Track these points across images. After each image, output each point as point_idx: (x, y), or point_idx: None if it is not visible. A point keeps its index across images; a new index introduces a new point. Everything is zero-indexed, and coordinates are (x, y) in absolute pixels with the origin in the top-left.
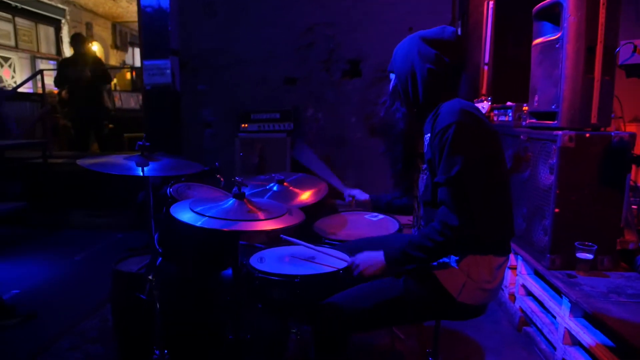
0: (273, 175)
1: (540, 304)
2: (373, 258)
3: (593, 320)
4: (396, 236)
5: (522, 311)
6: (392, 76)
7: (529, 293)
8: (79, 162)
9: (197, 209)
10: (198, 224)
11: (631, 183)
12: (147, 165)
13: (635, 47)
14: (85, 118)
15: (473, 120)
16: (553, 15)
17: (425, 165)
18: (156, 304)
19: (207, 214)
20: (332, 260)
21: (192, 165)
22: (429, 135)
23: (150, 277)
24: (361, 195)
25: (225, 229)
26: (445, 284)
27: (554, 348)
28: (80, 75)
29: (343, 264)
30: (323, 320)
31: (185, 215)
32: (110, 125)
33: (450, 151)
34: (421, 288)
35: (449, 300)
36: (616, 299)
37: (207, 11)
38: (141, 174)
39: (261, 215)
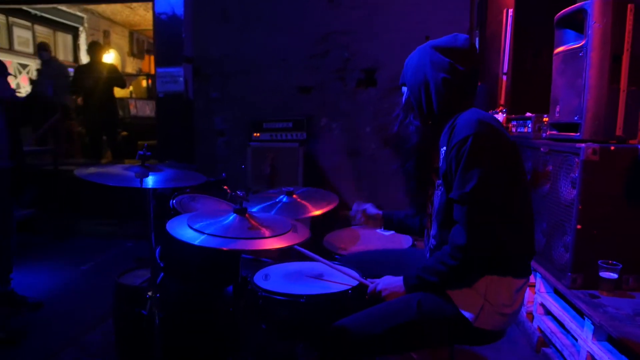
0: (283, 189)
1: (560, 324)
2: (394, 283)
3: (618, 345)
4: (408, 251)
5: (541, 331)
6: (404, 89)
7: (548, 312)
8: (77, 172)
9: (195, 226)
10: (196, 242)
11: None
12: (146, 176)
13: None
14: (99, 125)
15: (491, 131)
16: (576, 23)
17: (440, 181)
18: (155, 320)
19: (205, 231)
20: (341, 279)
21: (195, 177)
22: (444, 148)
23: (150, 293)
24: (372, 209)
25: (223, 248)
26: (461, 308)
27: None
28: (96, 83)
29: (352, 283)
30: (333, 345)
31: (183, 232)
32: (124, 133)
33: (466, 165)
34: (436, 312)
35: (465, 326)
36: None
37: (221, 18)
38: (140, 185)
39: (264, 232)
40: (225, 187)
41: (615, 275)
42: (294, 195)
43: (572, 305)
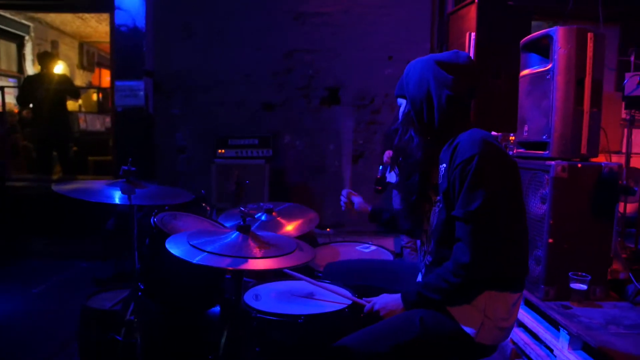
0: (261, 204)
1: (534, 335)
2: (392, 302)
3: (596, 353)
4: (394, 263)
5: (514, 343)
6: (402, 101)
7: (521, 324)
8: (55, 187)
9: (199, 244)
10: (195, 260)
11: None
12: (133, 192)
13: None
14: (49, 139)
15: (496, 151)
16: (541, 48)
17: (440, 197)
18: (137, 346)
19: (207, 250)
20: (333, 297)
21: (180, 194)
22: (444, 165)
23: (131, 318)
24: (362, 204)
25: (230, 268)
26: (462, 324)
27: None
28: (46, 94)
29: (346, 301)
30: None
31: (182, 250)
32: (75, 148)
33: (471, 184)
34: (439, 329)
35: (467, 341)
36: (616, 331)
37: (184, 32)
38: (129, 202)
39: (269, 251)
40: (204, 204)
41: (585, 287)
42: (274, 213)
43: (545, 316)
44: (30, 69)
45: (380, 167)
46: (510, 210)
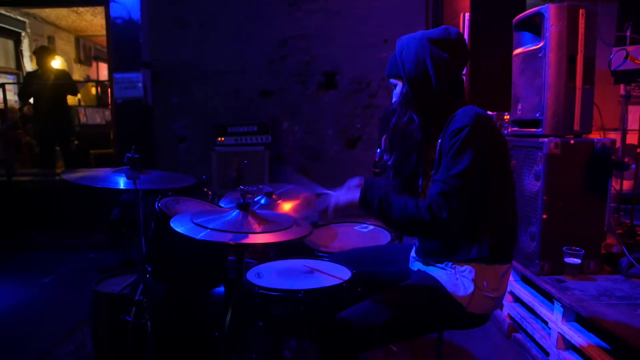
0: (261, 187)
1: (530, 310)
2: (350, 194)
3: (588, 323)
4: (389, 247)
5: (511, 318)
6: (397, 82)
7: (517, 299)
8: (64, 175)
9: (202, 222)
10: (199, 236)
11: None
12: (138, 178)
13: (627, 53)
14: (51, 134)
15: (487, 125)
16: (533, 26)
17: (434, 171)
18: (147, 326)
19: (211, 227)
20: (332, 273)
21: (183, 178)
22: (440, 140)
23: (140, 298)
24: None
25: (231, 242)
26: (454, 295)
27: (546, 353)
28: (46, 89)
29: (345, 276)
30: (334, 339)
31: (187, 227)
32: (76, 142)
33: (457, 151)
34: (431, 301)
35: (459, 311)
36: (607, 302)
37: (180, 23)
38: (134, 186)
39: (269, 227)
40: (206, 189)
41: (578, 261)
42: (274, 196)
43: (541, 290)
44: (29, 65)
45: (378, 150)
46: (497, 183)
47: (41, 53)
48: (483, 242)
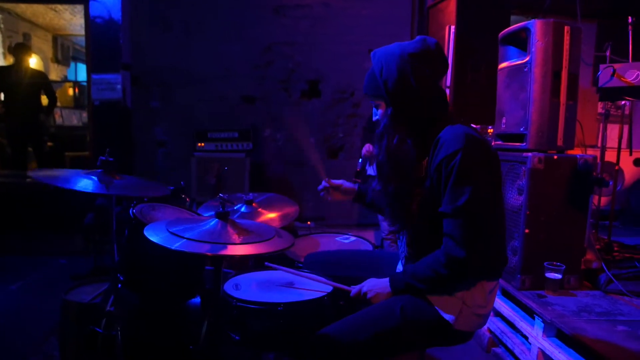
0: (242, 195)
1: (510, 324)
2: (379, 285)
3: (568, 339)
4: (373, 253)
5: (491, 332)
6: (379, 102)
7: (498, 314)
8: (31, 173)
9: (177, 231)
10: (175, 246)
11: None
12: (111, 183)
13: (614, 70)
14: (24, 134)
15: (478, 144)
16: (519, 40)
17: (425, 191)
18: (117, 338)
19: (187, 236)
20: (313, 286)
21: (159, 187)
22: (429, 160)
23: (111, 309)
24: (347, 184)
25: (209, 254)
26: (442, 312)
27: None
28: (20, 88)
29: (326, 289)
30: (315, 354)
31: (160, 236)
32: (50, 144)
33: (457, 180)
34: (419, 317)
35: (446, 329)
36: (587, 318)
37: (162, 25)
38: (106, 191)
39: (249, 237)
40: (183, 195)
41: (559, 276)
42: (254, 204)
43: (521, 305)
44: (1, 60)
45: (360, 160)
46: (494, 202)
47: (18, 50)
48: (485, 263)
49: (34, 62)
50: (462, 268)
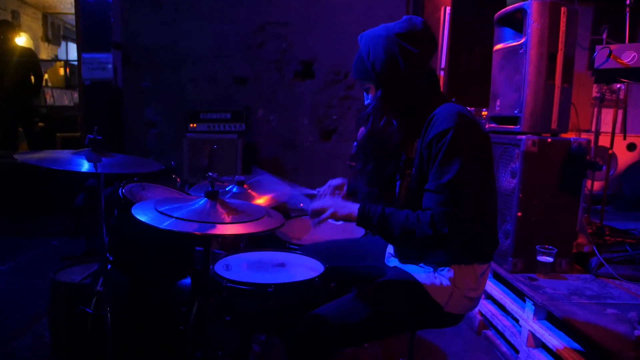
0: (236, 177)
1: (501, 307)
2: (345, 210)
3: (559, 322)
4: (365, 240)
5: (482, 314)
6: (368, 85)
7: (489, 296)
8: (17, 156)
9: (166, 210)
10: (163, 225)
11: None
12: (100, 161)
13: (610, 52)
14: (13, 114)
15: (471, 125)
16: (515, 22)
17: (413, 171)
18: (106, 318)
19: (176, 215)
20: (304, 267)
21: (149, 163)
22: (419, 140)
23: (100, 289)
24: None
25: (197, 233)
26: (433, 294)
27: (516, 351)
28: (8, 67)
29: (318, 270)
30: (306, 337)
31: (149, 215)
32: (41, 124)
33: (445, 157)
34: (409, 300)
35: (437, 311)
36: (578, 301)
37: (153, 4)
38: (95, 170)
39: (238, 217)
40: (174, 175)
41: (551, 259)
42: (245, 185)
43: (512, 288)
44: None
45: (355, 144)
46: (483, 182)
47: (4, 27)
48: (464, 242)
49: (23, 41)
50: (441, 241)
